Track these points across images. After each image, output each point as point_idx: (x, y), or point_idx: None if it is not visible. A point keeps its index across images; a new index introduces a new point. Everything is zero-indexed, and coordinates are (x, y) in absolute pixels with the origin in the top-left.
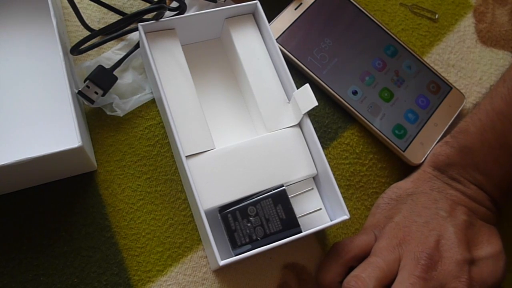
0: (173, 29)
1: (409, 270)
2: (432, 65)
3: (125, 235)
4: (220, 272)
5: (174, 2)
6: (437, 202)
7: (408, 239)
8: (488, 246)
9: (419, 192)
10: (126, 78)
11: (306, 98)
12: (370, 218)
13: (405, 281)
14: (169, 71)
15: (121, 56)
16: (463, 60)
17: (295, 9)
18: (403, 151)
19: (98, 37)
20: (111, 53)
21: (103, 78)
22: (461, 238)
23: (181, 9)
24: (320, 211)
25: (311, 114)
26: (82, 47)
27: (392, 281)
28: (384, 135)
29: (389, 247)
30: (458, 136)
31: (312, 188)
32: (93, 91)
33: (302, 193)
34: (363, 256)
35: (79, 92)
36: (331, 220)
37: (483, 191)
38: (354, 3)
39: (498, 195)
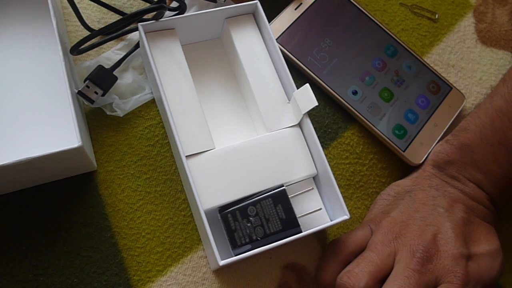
0: (173, 29)
1: (404, 263)
2: (432, 65)
3: (125, 235)
4: (220, 272)
5: (174, 2)
6: (435, 199)
7: (405, 233)
8: (486, 243)
9: (418, 189)
10: (126, 78)
11: (306, 98)
12: (368, 214)
13: (400, 273)
14: (169, 71)
15: (121, 56)
16: (463, 60)
17: (295, 9)
18: (403, 151)
19: (98, 37)
20: (111, 53)
21: (103, 78)
22: (458, 234)
23: (181, 9)
24: (320, 211)
25: (311, 114)
26: (82, 47)
27: (387, 275)
28: (384, 135)
29: (384, 241)
30: (458, 134)
31: (312, 188)
32: (93, 91)
33: (302, 193)
34: (360, 252)
35: (79, 92)
36: (331, 220)
37: (482, 189)
38: (354, 3)
39: (496, 194)
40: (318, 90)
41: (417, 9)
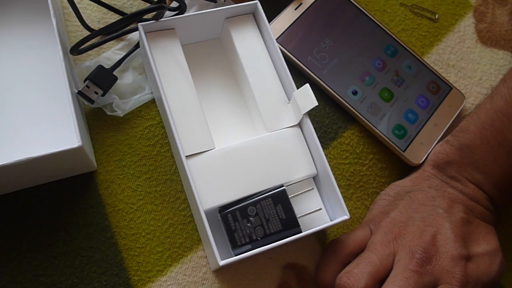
0: (173, 29)
1: (403, 264)
2: (432, 65)
3: (125, 235)
4: (220, 272)
5: (174, 2)
6: (435, 199)
7: (404, 233)
8: (484, 243)
9: (417, 190)
10: (126, 78)
11: (306, 98)
12: (368, 214)
13: (399, 274)
14: (169, 71)
15: (121, 56)
16: (463, 60)
17: (295, 9)
18: (403, 151)
19: (98, 37)
20: (111, 53)
21: (103, 78)
22: (457, 234)
23: (181, 9)
24: (320, 211)
25: (311, 114)
26: (82, 47)
27: (387, 275)
28: (384, 135)
29: (383, 242)
30: (458, 134)
31: (312, 188)
32: (93, 91)
33: (302, 193)
34: (359, 252)
35: (79, 92)
36: (331, 220)
37: (482, 190)
38: (354, 3)
39: (496, 194)
40: (318, 90)
41: (417, 9)
